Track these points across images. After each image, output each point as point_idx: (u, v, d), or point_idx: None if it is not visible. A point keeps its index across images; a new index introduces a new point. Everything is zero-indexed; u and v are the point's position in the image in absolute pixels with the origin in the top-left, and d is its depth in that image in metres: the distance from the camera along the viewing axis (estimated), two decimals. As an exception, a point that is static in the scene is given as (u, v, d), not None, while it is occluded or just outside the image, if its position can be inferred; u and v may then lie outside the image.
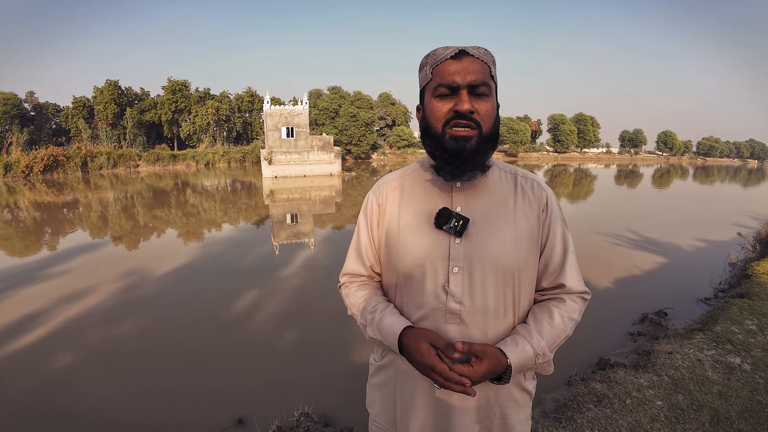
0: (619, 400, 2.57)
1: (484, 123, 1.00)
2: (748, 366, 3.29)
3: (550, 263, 1.12)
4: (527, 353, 1.02)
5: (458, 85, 0.98)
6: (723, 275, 8.04)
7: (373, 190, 1.23)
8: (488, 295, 1.05)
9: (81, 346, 5.41)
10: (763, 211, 18.14)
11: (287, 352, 5.28)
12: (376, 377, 1.27)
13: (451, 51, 0.99)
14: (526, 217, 1.09)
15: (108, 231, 13.01)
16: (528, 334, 1.05)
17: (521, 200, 1.11)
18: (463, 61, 0.99)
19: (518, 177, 1.15)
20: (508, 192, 1.12)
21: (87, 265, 9.09)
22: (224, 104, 45.00)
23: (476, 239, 1.06)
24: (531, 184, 1.14)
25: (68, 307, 6.57)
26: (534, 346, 1.03)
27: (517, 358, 1.01)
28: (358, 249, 1.23)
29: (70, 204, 18.45)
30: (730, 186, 36.23)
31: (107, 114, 39.98)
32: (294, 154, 30.10)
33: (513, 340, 1.04)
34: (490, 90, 1.01)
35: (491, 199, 1.10)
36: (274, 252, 10.37)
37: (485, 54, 1.01)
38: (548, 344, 1.05)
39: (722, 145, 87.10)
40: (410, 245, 1.10)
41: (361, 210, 1.26)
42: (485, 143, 1.02)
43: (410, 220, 1.12)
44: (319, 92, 48.51)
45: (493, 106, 1.02)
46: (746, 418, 2.69)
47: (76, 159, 31.11)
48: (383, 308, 1.13)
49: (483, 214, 1.08)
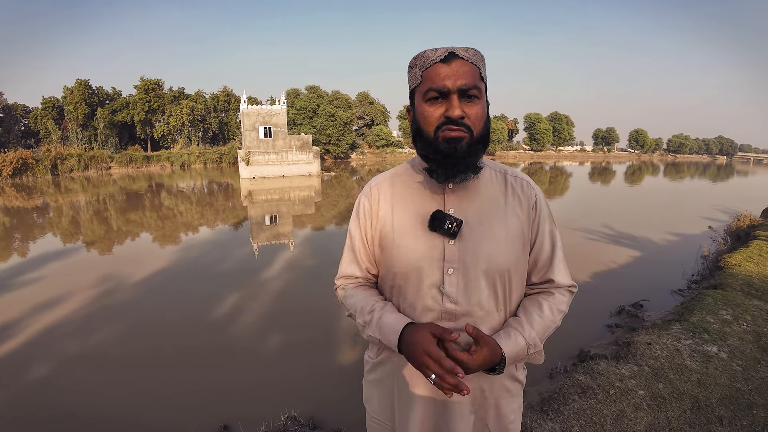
0: (603, 391, 2.62)
1: (474, 126, 1.00)
2: (725, 354, 3.39)
3: (539, 259, 1.16)
4: (520, 344, 1.06)
5: (449, 89, 0.98)
6: (695, 267, 8.29)
7: (364, 192, 1.22)
8: (482, 294, 1.08)
9: (59, 354, 5.23)
10: (732, 204, 18.79)
11: (271, 354, 5.20)
12: (373, 374, 1.27)
13: (441, 54, 0.98)
14: (517, 215, 1.12)
15: (80, 236, 12.63)
16: (520, 326, 1.08)
17: (511, 199, 1.13)
18: (453, 65, 0.98)
19: (508, 176, 1.17)
20: (498, 191, 1.14)
21: (59, 271, 8.80)
22: (199, 104, 44.14)
23: (470, 240, 1.08)
24: (521, 183, 1.16)
25: (43, 315, 6.34)
26: (526, 337, 1.06)
27: (510, 349, 1.04)
28: (352, 251, 1.22)
29: (40, 208, 17.84)
30: (700, 181, 37.42)
31: (77, 114, 38.76)
32: (272, 154, 29.78)
33: (506, 332, 1.07)
34: (480, 92, 1.01)
35: (483, 199, 1.12)
36: (253, 254, 10.22)
37: (475, 55, 1.00)
38: (539, 335, 1.08)
39: (692, 142, 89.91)
40: (404, 247, 1.11)
41: (353, 212, 1.24)
42: (476, 145, 1.02)
43: (403, 222, 1.13)
44: (297, 91, 48.10)
45: (483, 109, 1.02)
46: (726, 405, 2.77)
47: (45, 162, 30.13)
48: (382, 307, 1.13)
49: (475, 215, 1.10)
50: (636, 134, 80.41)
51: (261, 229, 13.52)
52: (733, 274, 5.45)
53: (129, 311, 6.57)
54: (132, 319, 6.27)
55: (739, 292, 4.85)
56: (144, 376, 4.71)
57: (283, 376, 4.66)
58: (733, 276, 5.37)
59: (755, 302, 4.62)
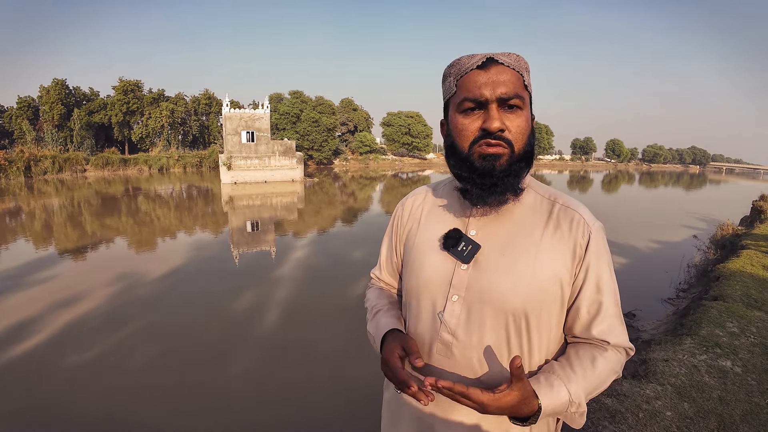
0: (632, 415, 2.48)
1: (516, 141, 0.88)
2: (739, 369, 3.31)
3: (580, 312, 0.94)
4: (562, 398, 0.85)
5: (486, 99, 0.86)
6: (681, 275, 8.35)
7: (401, 202, 1.16)
8: (486, 334, 0.92)
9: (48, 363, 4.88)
10: (707, 212, 19.29)
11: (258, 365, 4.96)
12: (386, 393, 1.17)
13: (478, 59, 0.87)
14: (554, 254, 0.92)
15: (53, 241, 12.08)
16: (566, 376, 0.88)
17: (552, 233, 0.93)
18: (492, 71, 0.86)
19: (556, 205, 0.97)
20: (537, 222, 0.95)
21: (32, 278, 8.34)
22: (180, 106, 43.27)
23: (485, 270, 0.93)
24: (570, 216, 0.94)
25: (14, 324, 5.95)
26: (571, 391, 0.86)
27: (550, 401, 0.84)
28: (380, 256, 1.21)
29: (12, 212, 17.09)
30: (675, 190, 38.43)
31: (53, 115, 37.42)
32: (254, 159, 29.36)
33: (547, 379, 0.88)
34: (524, 102, 0.88)
35: (513, 228, 0.95)
36: (233, 261, 9.92)
37: (517, 61, 0.88)
38: (585, 393, 0.88)
39: (666, 152, 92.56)
40: (417, 264, 1.02)
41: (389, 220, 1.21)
42: (518, 163, 0.89)
43: (424, 238, 1.04)
44: (280, 96, 47.69)
45: (526, 121, 0.90)
46: (748, 421, 2.70)
47: (18, 163, 29.00)
48: (387, 309, 1.10)
49: (499, 243, 0.94)
50: (612, 144, 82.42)
51: (242, 236, 13.21)
52: (731, 285, 5.43)
53: (106, 321, 6.28)
54: (112, 328, 5.96)
55: (740, 303, 4.82)
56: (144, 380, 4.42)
57: (289, 387, 4.43)
58: (732, 287, 5.35)
59: (757, 313, 4.59)
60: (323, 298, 7.47)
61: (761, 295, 5.23)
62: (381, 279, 1.22)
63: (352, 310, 6.60)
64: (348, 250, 10.87)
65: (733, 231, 10.66)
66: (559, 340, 0.98)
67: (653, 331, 6.11)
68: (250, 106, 46.51)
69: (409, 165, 53.11)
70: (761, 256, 7.21)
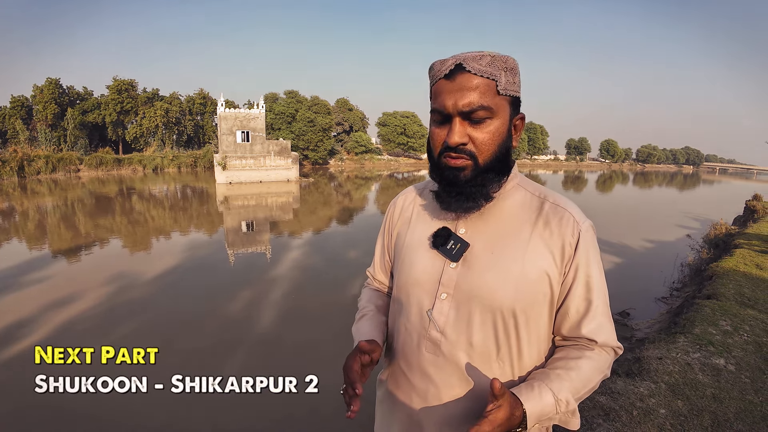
0: (626, 413, 2.50)
1: (481, 153, 0.87)
2: (732, 366, 3.34)
3: (570, 310, 0.93)
4: (546, 401, 0.83)
5: (449, 112, 0.85)
6: (675, 274, 8.41)
7: (393, 200, 1.17)
8: (475, 332, 0.91)
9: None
10: (700, 211, 19.42)
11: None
12: (378, 391, 1.18)
13: (446, 68, 0.85)
14: (542, 252, 0.91)
15: (47, 242, 12.00)
16: (547, 379, 0.87)
17: (541, 231, 0.92)
18: (457, 80, 0.84)
19: (546, 203, 0.95)
20: (526, 220, 0.94)
21: (26, 279, 8.28)
22: (174, 106, 42.97)
23: (474, 268, 0.93)
24: (560, 213, 0.93)
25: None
26: (554, 391, 0.84)
27: (533, 405, 0.82)
28: (375, 254, 1.22)
29: (5, 212, 16.95)
30: (668, 190, 38.67)
31: (47, 114, 37.00)
32: (250, 159, 29.25)
33: (528, 385, 0.86)
34: (492, 112, 0.85)
35: (503, 226, 0.94)
36: (228, 261, 9.89)
37: (490, 64, 0.84)
38: (572, 393, 0.86)
39: (660, 152, 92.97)
40: (407, 262, 1.02)
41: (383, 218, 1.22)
42: (484, 174, 0.88)
43: (414, 236, 1.04)
44: (275, 96, 47.52)
45: (494, 133, 0.87)
46: (742, 419, 2.73)
47: (12, 163, 28.69)
48: (372, 315, 1.11)
49: (488, 241, 0.94)
50: (607, 144, 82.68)
51: (237, 236, 13.17)
52: (724, 284, 5.47)
53: (99, 322, 6.20)
54: (106, 329, 5.91)
55: (734, 302, 4.86)
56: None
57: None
58: (725, 285, 5.40)
59: (750, 312, 4.63)
60: (318, 297, 7.47)
61: (754, 293, 5.28)
62: (375, 277, 1.22)
63: (347, 309, 6.59)
64: (343, 250, 10.88)
65: (727, 230, 10.73)
66: (549, 340, 0.97)
67: (647, 330, 6.16)
68: (245, 105, 46.27)
69: (404, 165, 53.09)
70: (754, 255, 7.28)
